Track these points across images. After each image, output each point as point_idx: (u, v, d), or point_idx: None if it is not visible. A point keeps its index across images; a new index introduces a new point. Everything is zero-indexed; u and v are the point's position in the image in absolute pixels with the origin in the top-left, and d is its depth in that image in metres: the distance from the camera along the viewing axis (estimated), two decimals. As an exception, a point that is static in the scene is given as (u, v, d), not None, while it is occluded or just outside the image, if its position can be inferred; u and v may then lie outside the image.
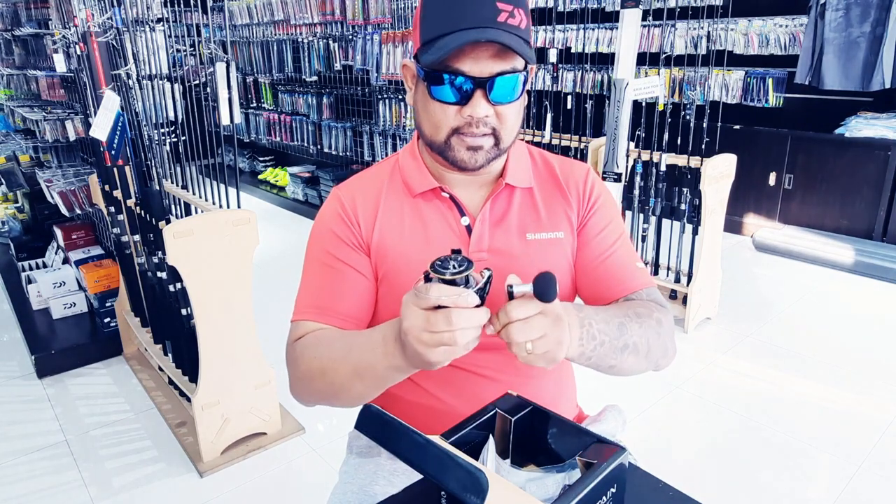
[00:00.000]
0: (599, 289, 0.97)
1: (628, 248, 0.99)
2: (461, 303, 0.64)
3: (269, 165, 6.24)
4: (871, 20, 3.64)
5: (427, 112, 0.87)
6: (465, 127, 0.84)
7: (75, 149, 3.40)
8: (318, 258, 0.95)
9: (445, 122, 0.85)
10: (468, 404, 0.95)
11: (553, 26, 4.11)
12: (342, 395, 0.82)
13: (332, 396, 0.84)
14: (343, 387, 0.80)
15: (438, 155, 0.89)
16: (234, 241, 1.93)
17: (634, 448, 1.12)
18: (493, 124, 0.85)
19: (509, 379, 0.96)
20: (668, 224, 3.17)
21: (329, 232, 0.95)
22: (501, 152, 0.89)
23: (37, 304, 3.01)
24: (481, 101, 0.82)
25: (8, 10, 3.72)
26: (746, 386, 2.51)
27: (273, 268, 3.66)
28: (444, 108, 0.84)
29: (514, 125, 0.88)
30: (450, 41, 0.79)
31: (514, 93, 0.84)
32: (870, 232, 3.91)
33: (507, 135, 0.87)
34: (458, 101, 0.83)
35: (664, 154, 3.03)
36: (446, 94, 0.83)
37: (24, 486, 1.97)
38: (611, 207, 1.00)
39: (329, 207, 0.97)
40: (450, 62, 0.81)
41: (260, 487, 1.96)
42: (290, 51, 4.96)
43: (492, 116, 0.84)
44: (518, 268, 0.93)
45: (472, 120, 0.83)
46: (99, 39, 2.18)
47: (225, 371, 2.01)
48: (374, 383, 0.78)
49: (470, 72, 0.81)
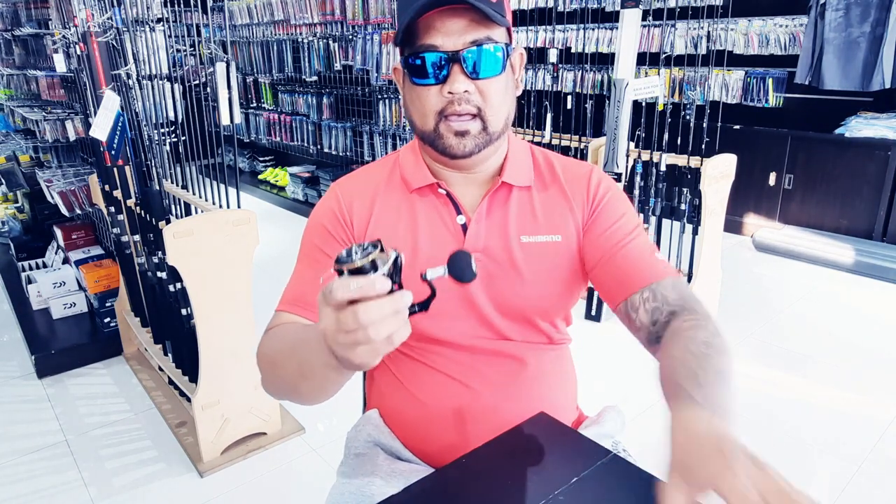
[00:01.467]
0: (618, 279, 0.91)
1: (643, 241, 0.93)
2: (369, 292, 0.56)
3: (269, 165, 6.24)
4: (871, 20, 3.64)
5: (412, 101, 0.87)
6: (448, 107, 0.83)
7: (75, 149, 3.40)
8: (306, 252, 0.95)
9: (429, 107, 0.84)
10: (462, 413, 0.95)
11: (553, 26, 4.10)
12: (292, 393, 0.79)
13: (286, 392, 0.81)
14: (291, 384, 0.77)
15: (430, 146, 0.89)
16: (234, 241, 1.93)
17: (634, 448, 1.12)
18: (477, 102, 0.84)
19: (509, 384, 0.95)
20: (668, 224, 3.16)
21: (320, 226, 0.95)
22: (492, 138, 0.87)
23: (37, 304, 3.01)
24: (458, 76, 0.82)
25: (8, 10, 3.72)
26: (746, 386, 2.51)
27: (273, 268, 3.65)
28: (426, 91, 0.84)
29: (501, 106, 0.86)
30: (411, 10, 0.80)
31: (495, 66, 0.83)
32: (870, 232, 3.91)
33: (494, 117, 0.86)
34: (437, 80, 0.83)
35: (664, 154, 3.03)
36: (424, 75, 0.83)
37: (24, 486, 1.97)
38: (622, 202, 0.97)
39: (325, 203, 0.97)
40: (422, 40, 0.81)
41: (260, 487, 1.96)
42: (290, 51, 4.95)
43: (474, 93, 0.83)
44: (511, 269, 0.93)
45: (453, 97, 0.82)
46: (99, 39, 2.18)
47: (225, 371, 2.01)
48: (318, 383, 0.72)
49: (442, 46, 0.81)
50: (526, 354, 0.97)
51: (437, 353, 0.95)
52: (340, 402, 2.71)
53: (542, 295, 0.94)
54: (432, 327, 0.93)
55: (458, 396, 0.94)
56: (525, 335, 0.96)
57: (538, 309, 0.95)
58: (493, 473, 0.79)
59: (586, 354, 1.17)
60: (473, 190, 0.95)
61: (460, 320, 0.93)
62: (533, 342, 0.97)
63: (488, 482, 0.78)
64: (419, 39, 0.82)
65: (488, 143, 0.88)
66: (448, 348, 0.94)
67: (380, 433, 1.00)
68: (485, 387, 0.94)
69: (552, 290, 0.94)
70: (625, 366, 2.65)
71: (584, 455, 0.81)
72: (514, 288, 0.93)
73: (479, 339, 0.94)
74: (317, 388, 0.74)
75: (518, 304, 0.93)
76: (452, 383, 0.95)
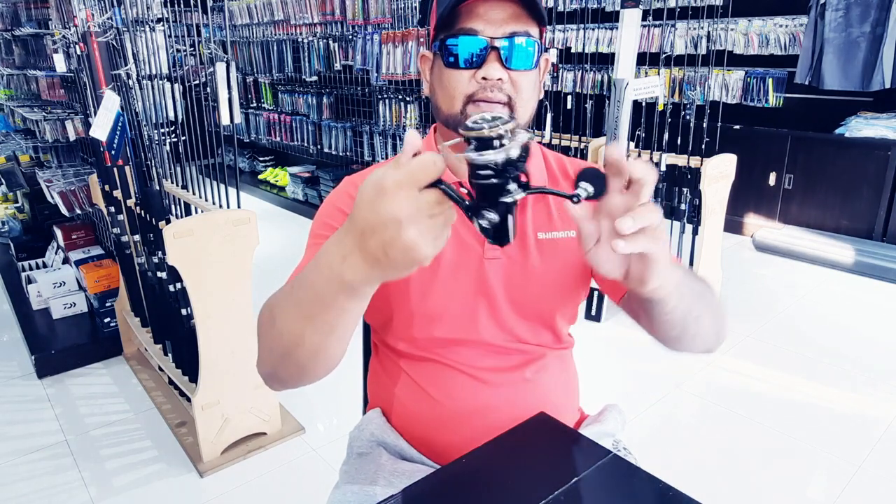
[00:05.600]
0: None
1: None
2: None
3: (269, 165, 6.24)
4: (871, 20, 3.64)
5: (442, 84, 0.87)
6: (479, 92, 0.83)
7: (75, 149, 3.40)
8: (317, 233, 0.92)
9: (460, 90, 0.84)
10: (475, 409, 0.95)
11: (553, 26, 4.10)
12: (294, 350, 0.68)
13: (287, 353, 0.69)
14: (295, 335, 0.66)
15: (453, 131, 0.87)
16: (234, 241, 1.93)
17: (634, 448, 1.12)
18: (509, 91, 0.84)
19: (516, 382, 0.95)
20: (669, 224, 3.15)
21: (335, 209, 0.93)
22: None
23: (37, 304, 3.01)
24: (495, 64, 0.82)
25: (8, 10, 3.72)
26: (746, 386, 2.51)
27: (273, 268, 3.65)
28: (458, 74, 0.84)
29: (530, 99, 0.87)
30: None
31: (529, 60, 0.84)
32: (870, 232, 3.91)
33: (523, 108, 0.86)
34: (472, 65, 0.83)
35: (664, 154, 3.03)
36: (460, 58, 0.83)
37: (24, 486, 1.97)
38: None
39: (340, 190, 0.95)
40: (462, 24, 0.82)
41: (260, 487, 1.96)
42: (290, 51, 4.95)
43: (507, 83, 0.83)
44: (529, 267, 0.93)
45: (486, 84, 0.83)
46: (99, 39, 2.18)
47: (225, 371, 2.01)
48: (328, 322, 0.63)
49: (483, 32, 0.82)
50: (535, 355, 0.97)
51: (451, 351, 0.95)
52: (341, 401, 2.71)
53: (557, 291, 0.95)
54: (447, 326, 0.93)
55: (471, 394, 0.94)
56: (536, 334, 0.97)
57: (551, 306, 0.95)
58: (494, 473, 0.79)
59: (586, 354, 1.17)
60: None
61: (476, 319, 0.93)
62: (542, 344, 0.98)
63: (488, 482, 0.78)
64: (460, 23, 0.83)
65: None
66: (462, 347, 0.95)
67: (383, 432, 1.00)
68: (492, 388, 0.94)
69: (566, 285, 0.95)
70: (625, 366, 2.65)
71: (585, 455, 0.81)
72: (530, 284, 0.93)
73: (492, 337, 0.94)
74: (325, 332, 0.64)
75: (533, 299, 0.94)
76: (466, 380, 0.95)
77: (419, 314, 0.92)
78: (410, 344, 0.96)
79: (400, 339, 0.97)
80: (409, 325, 0.94)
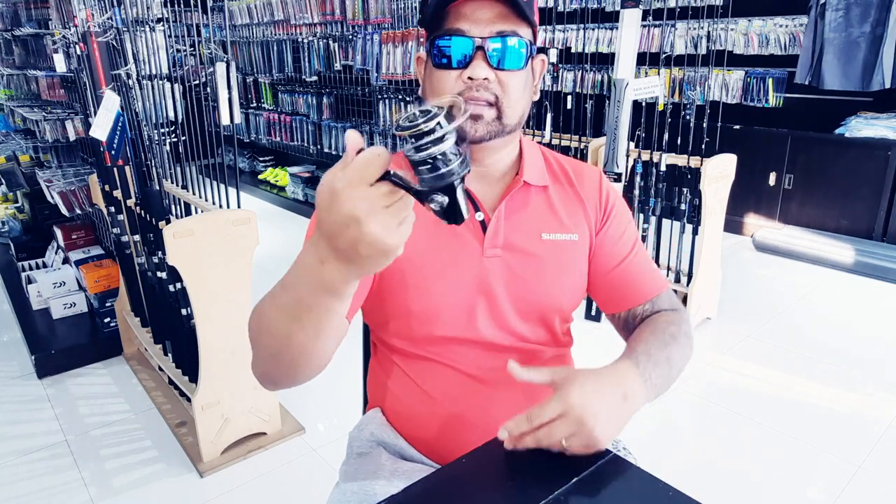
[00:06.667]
0: (615, 294, 1.00)
1: (644, 255, 1.01)
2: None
3: (269, 165, 6.24)
4: (871, 20, 3.64)
5: (431, 84, 0.88)
6: (466, 91, 0.84)
7: (75, 149, 3.40)
8: (308, 239, 0.93)
9: (447, 89, 0.85)
10: (475, 408, 0.95)
11: (553, 26, 4.10)
12: (284, 350, 0.70)
13: (277, 353, 0.72)
14: (283, 336, 0.69)
15: None
16: (234, 241, 1.93)
17: (634, 448, 1.12)
18: (496, 91, 0.85)
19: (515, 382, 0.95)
20: (668, 224, 3.16)
21: None
22: (504, 130, 0.88)
23: (37, 304, 3.01)
24: (480, 63, 0.83)
25: (8, 10, 3.72)
26: (746, 386, 2.51)
27: (273, 268, 3.66)
28: (446, 74, 0.85)
29: (518, 100, 0.87)
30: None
31: (517, 60, 0.85)
32: (870, 232, 3.91)
33: (511, 109, 0.86)
34: (459, 66, 0.84)
35: (664, 154, 3.03)
36: (446, 58, 0.84)
37: (24, 486, 1.97)
38: (625, 213, 1.02)
39: None
40: (449, 24, 0.83)
41: (260, 487, 1.96)
42: (290, 51, 4.96)
43: (493, 82, 0.84)
44: (532, 266, 0.93)
45: (472, 83, 0.84)
46: (99, 39, 2.18)
47: (225, 371, 2.01)
48: (313, 322, 0.65)
49: (469, 32, 0.83)
50: (535, 354, 0.98)
51: (450, 350, 0.95)
52: (341, 401, 2.71)
53: (559, 292, 0.96)
54: (445, 325, 0.93)
55: (470, 394, 0.94)
56: (535, 333, 0.97)
57: (554, 307, 0.96)
58: (494, 473, 0.79)
59: (586, 354, 1.17)
60: (492, 188, 0.96)
61: (475, 317, 0.93)
62: (542, 342, 0.98)
63: (488, 482, 0.78)
64: (447, 23, 0.84)
65: (500, 134, 0.88)
66: (461, 346, 0.95)
67: (383, 432, 1.00)
68: (496, 385, 0.94)
69: (568, 287, 0.97)
70: (625, 366, 2.65)
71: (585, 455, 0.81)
72: (534, 283, 0.94)
73: (492, 336, 0.94)
74: (310, 332, 0.67)
75: (536, 299, 0.94)
76: (465, 380, 0.95)
77: (418, 312, 0.93)
78: (410, 343, 0.96)
79: (399, 339, 0.97)
80: (408, 324, 0.94)
